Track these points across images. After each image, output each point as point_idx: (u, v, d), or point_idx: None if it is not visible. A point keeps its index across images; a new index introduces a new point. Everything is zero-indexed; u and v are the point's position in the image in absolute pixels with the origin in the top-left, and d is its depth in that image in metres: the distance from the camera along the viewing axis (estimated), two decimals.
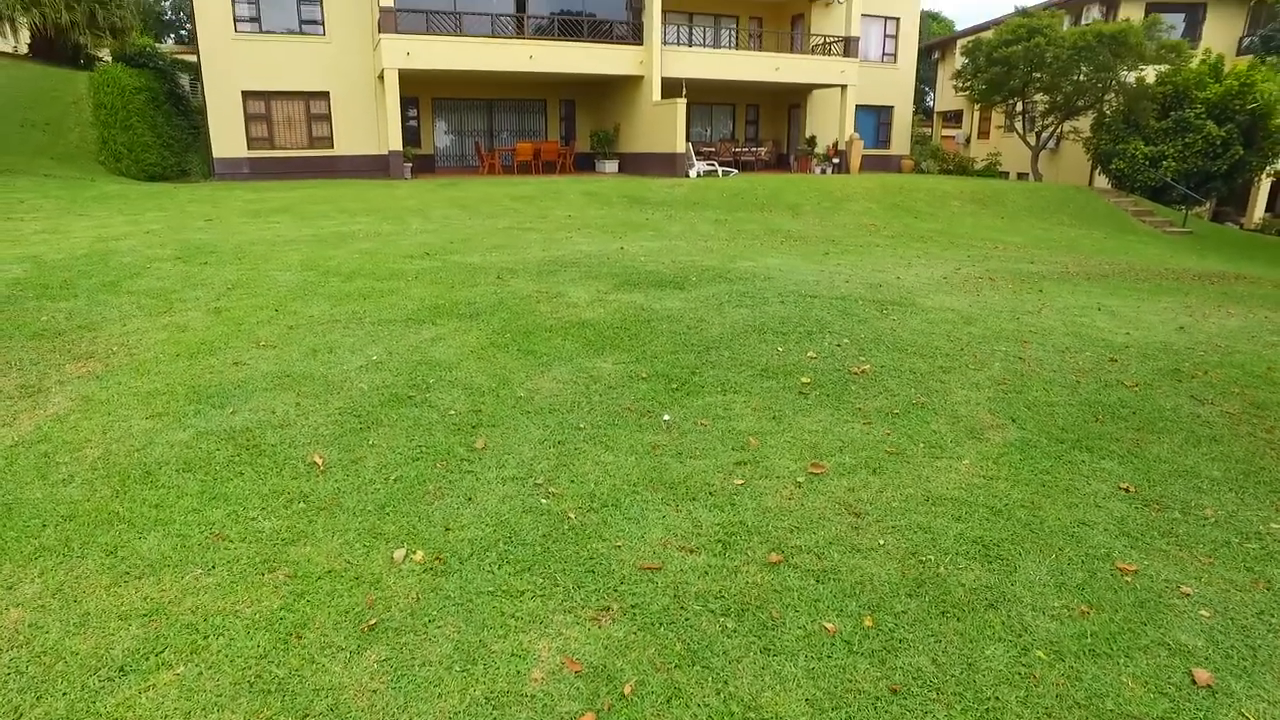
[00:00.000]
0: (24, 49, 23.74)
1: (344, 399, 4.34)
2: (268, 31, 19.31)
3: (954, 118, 35.26)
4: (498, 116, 23.16)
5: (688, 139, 20.03)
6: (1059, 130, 24.43)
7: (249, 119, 19.42)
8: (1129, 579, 2.94)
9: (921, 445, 4.01)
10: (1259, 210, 26.43)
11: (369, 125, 20.26)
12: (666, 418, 4.19)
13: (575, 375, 4.70)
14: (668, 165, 19.50)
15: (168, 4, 40.64)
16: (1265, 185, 25.71)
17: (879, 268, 9.13)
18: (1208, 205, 24.13)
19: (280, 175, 19.33)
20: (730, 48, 24.34)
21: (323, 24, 19.62)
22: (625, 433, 4.01)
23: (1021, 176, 26.57)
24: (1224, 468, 3.94)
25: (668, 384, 4.63)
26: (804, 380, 4.75)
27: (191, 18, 19.25)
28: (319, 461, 3.66)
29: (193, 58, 21.57)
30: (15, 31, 23.14)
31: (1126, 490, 3.65)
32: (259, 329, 5.52)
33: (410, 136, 21.09)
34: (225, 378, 4.62)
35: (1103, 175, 23.83)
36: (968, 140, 32.83)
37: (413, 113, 21.59)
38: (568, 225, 11.69)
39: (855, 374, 4.84)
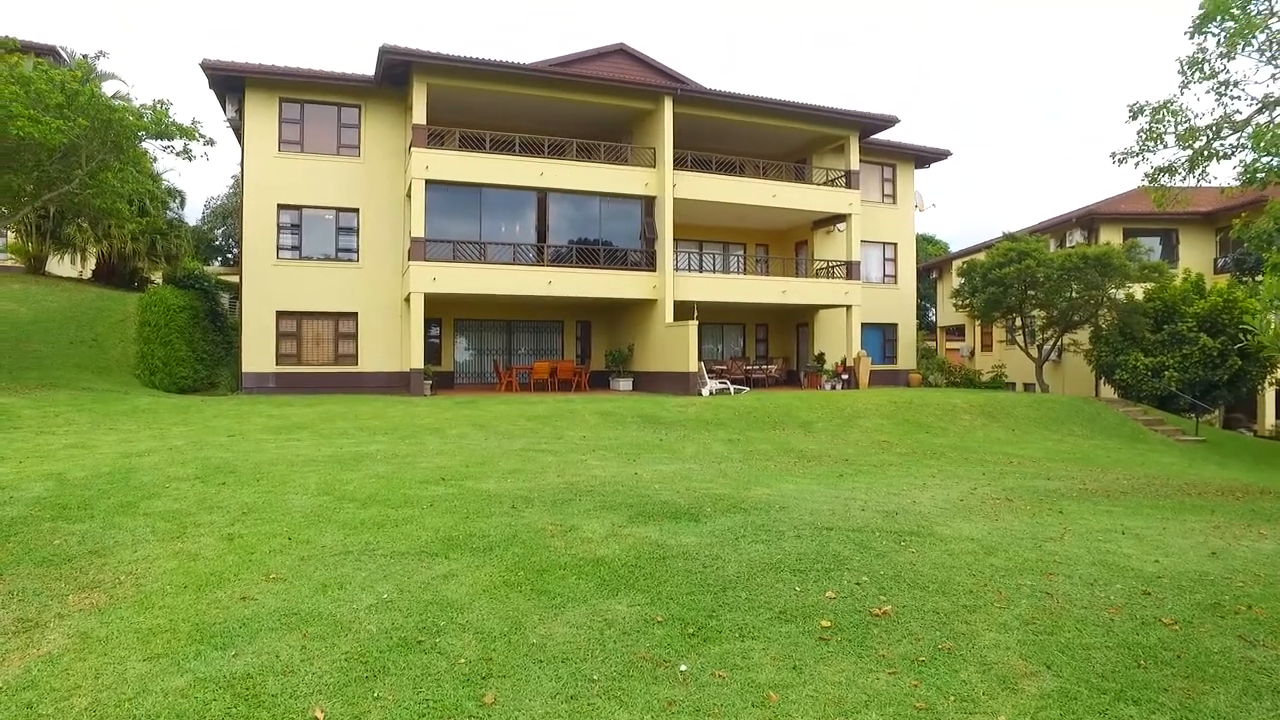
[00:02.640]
0: (88, 274, 25.70)
1: (352, 642, 4.20)
2: (306, 258, 20.90)
3: (956, 331, 36.66)
4: (516, 336, 24.37)
5: (700, 357, 20.81)
6: (1059, 343, 25.29)
7: (280, 336, 20.50)
8: None
9: (952, 699, 3.79)
10: (1269, 417, 26.56)
11: (393, 343, 21.28)
12: (683, 668, 4.01)
13: (589, 619, 4.56)
14: (681, 384, 20.09)
15: (220, 231, 44.25)
16: (1271, 393, 26.04)
17: (894, 490, 9.09)
18: (1217, 413, 24.35)
19: (305, 390, 20.02)
20: (739, 272, 26.02)
21: (357, 251, 21.26)
22: (640, 685, 3.83)
23: (1028, 387, 27.11)
24: None
25: (684, 629, 4.48)
26: (824, 624, 4.58)
27: (239, 244, 20.98)
28: (320, 717, 3.48)
29: (235, 278, 23.24)
30: (84, 260, 25.23)
31: None
32: (270, 559, 5.47)
33: (431, 354, 22.08)
34: (231, 614, 4.52)
35: (1108, 385, 24.31)
36: (972, 353, 33.89)
37: (435, 331, 22.74)
38: (582, 447, 11.86)
39: (877, 615, 4.68)
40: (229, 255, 43.32)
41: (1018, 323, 25.54)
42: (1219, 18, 12.58)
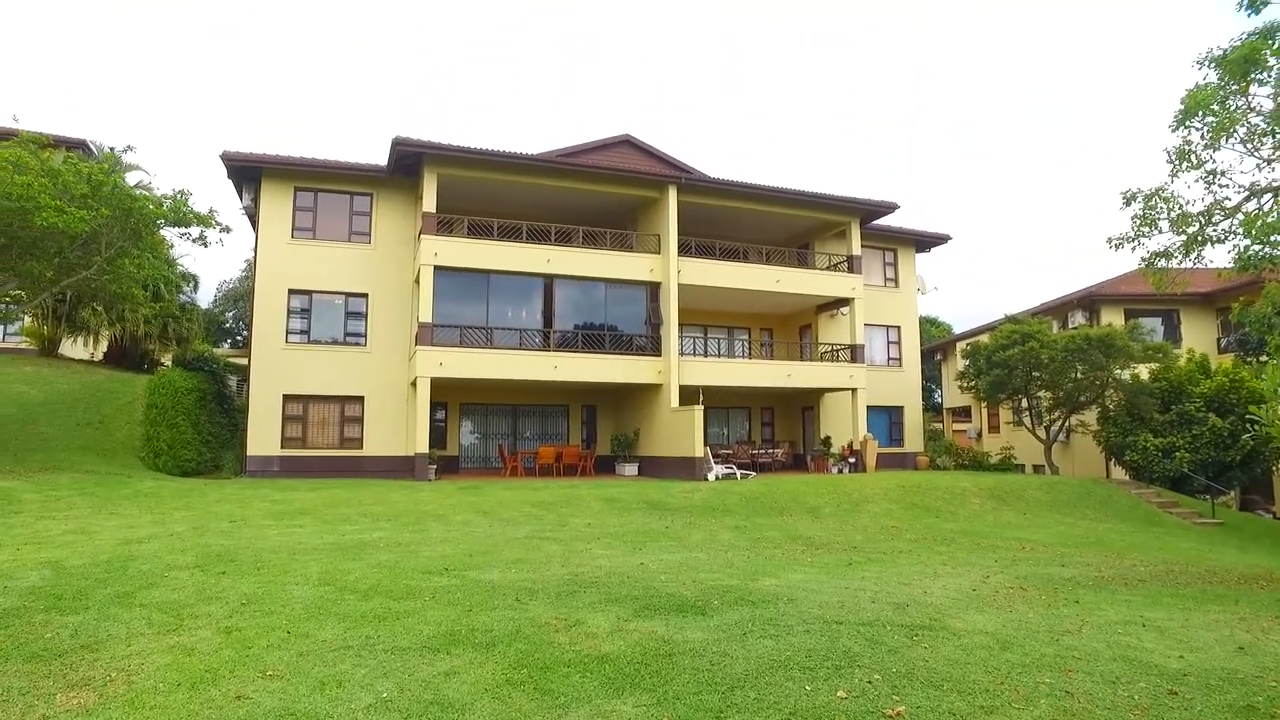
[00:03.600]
0: (100, 356, 25.98)
1: None
2: (314, 341, 21.14)
3: (963, 413, 36.52)
4: (522, 420, 24.37)
5: (705, 442, 20.70)
6: (1067, 424, 25.14)
7: (286, 419, 20.54)
8: None
9: None
10: None
11: (398, 428, 21.27)
12: None
13: None
14: (686, 468, 19.94)
15: (231, 314, 44.96)
16: None
17: (904, 579, 8.90)
18: (1233, 494, 23.95)
19: (309, 473, 19.93)
20: (744, 357, 26.18)
21: (365, 336, 21.51)
22: None
23: (1037, 469, 26.81)
24: None
25: None
26: None
27: (249, 327, 21.26)
28: None
29: (244, 361, 23.45)
30: (97, 342, 25.55)
31: None
32: (268, 654, 5.34)
33: (437, 437, 22.05)
34: (225, 715, 4.38)
35: (1118, 466, 24.03)
36: (979, 435, 33.67)
37: (440, 415, 22.77)
38: (587, 535, 11.70)
39: (890, 717, 4.51)
40: (239, 338, 43.87)
41: (1024, 404, 25.46)
42: (1199, 113, 13.01)
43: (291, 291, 20.94)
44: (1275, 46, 11.91)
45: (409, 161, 20.41)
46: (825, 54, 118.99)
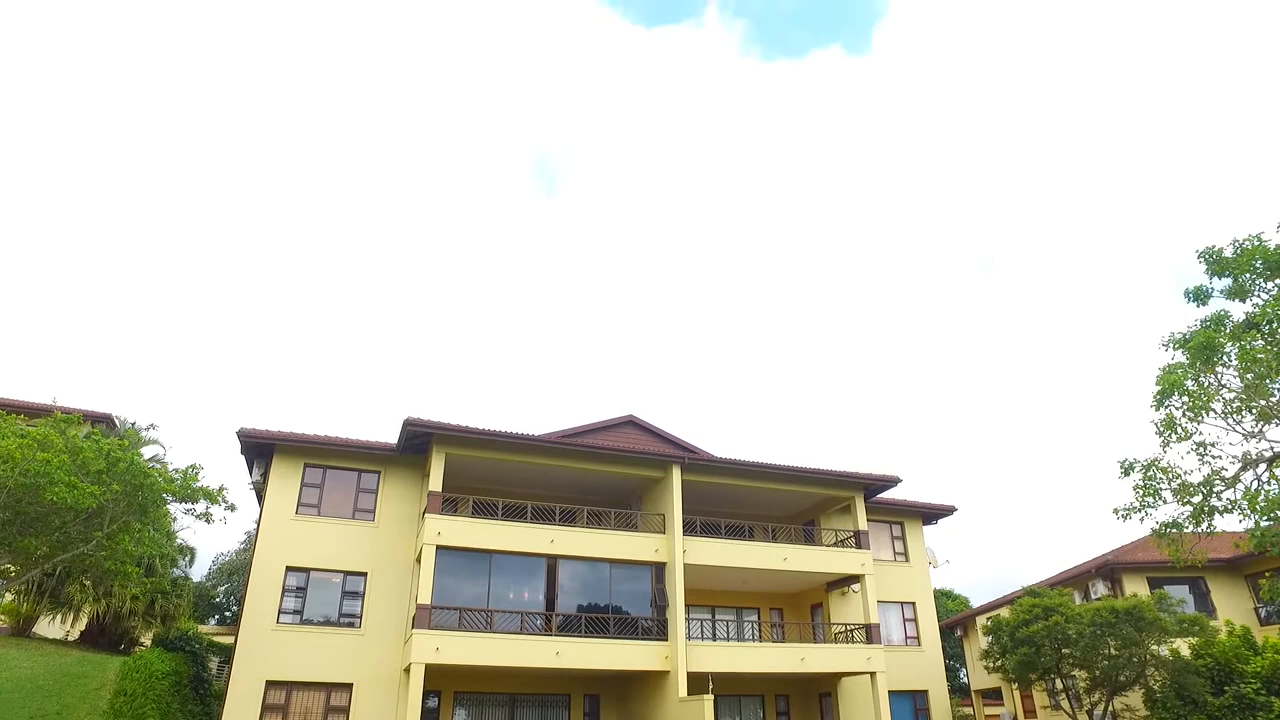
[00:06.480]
0: (76, 635, 24.65)
1: None
2: (307, 622, 20.24)
3: (993, 695, 33.82)
4: (520, 711, 22.37)
5: None
6: (1110, 707, 23.07)
7: (265, 709, 19.09)
8: None
9: None
10: None
11: (387, 718, 19.62)
12: None
13: None
14: None
15: (223, 589, 43.37)
16: None
17: None
18: None
19: None
20: (753, 639, 24.81)
21: (360, 617, 20.66)
22: None
23: None
24: None
25: None
26: None
27: (241, 603, 20.45)
28: None
29: (229, 639, 22.20)
30: (75, 620, 24.36)
31: None
32: None
33: None
34: None
35: None
36: (1014, 718, 30.89)
37: (433, 702, 21.07)
38: None
39: None
40: (228, 614, 41.95)
41: (1058, 685, 23.58)
42: (1175, 393, 13.68)
43: (289, 569, 20.46)
44: (1227, 333, 12.85)
45: (418, 441, 20.96)
46: (831, 337, 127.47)
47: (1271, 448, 13.95)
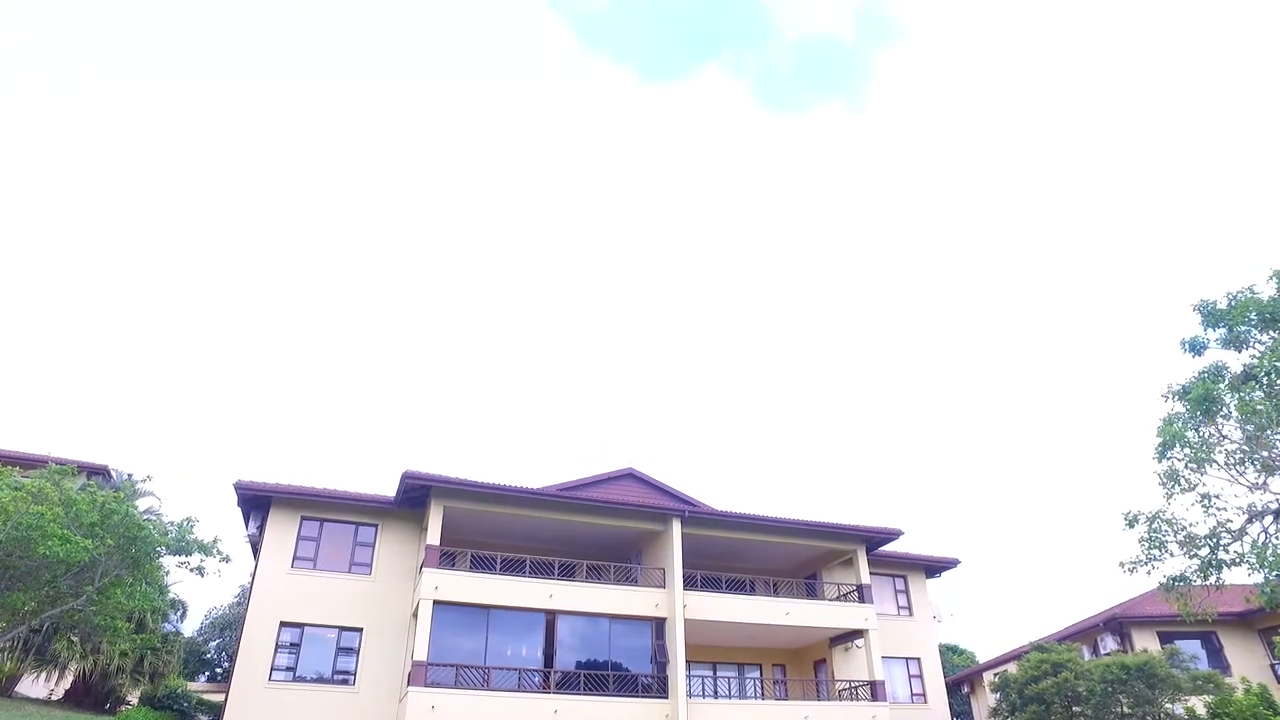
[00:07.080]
0: (60, 693, 24.02)
1: None
2: (299, 679, 19.80)
3: None
4: None
5: None
6: None
7: None
8: None
9: None
10: None
11: None
12: None
13: None
14: None
15: (214, 644, 42.45)
16: None
17: None
18: None
19: None
20: (756, 697, 24.27)
21: (354, 674, 20.20)
22: None
23: None
24: None
25: None
26: None
27: (233, 660, 19.99)
28: None
29: (218, 697, 21.64)
30: (61, 678, 23.75)
31: None
32: None
33: None
34: None
35: None
36: None
37: None
38: None
39: None
40: (218, 670, 40.97)
41: None
42: (1176, 444, 13.62)
43: (283, 624, 20.08)
44: (1225, 384, 12.88)
45: (416, 494, 20.79)
46: (835, 390, 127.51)
47: (1276, 499, 13.84)
